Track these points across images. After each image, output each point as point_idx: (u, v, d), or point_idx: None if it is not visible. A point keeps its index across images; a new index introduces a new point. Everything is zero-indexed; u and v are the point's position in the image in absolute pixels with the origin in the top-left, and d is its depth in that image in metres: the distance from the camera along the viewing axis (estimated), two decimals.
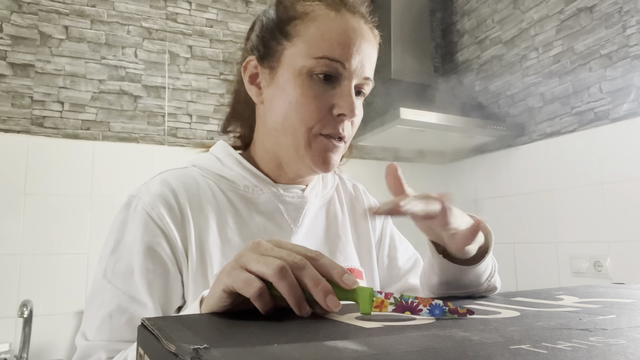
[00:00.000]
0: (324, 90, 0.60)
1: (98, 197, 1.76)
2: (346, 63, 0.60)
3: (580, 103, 1.77)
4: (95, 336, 0.55)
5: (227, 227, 0.63)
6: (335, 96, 0.60)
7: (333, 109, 0.61)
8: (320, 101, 0.60)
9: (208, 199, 0.63)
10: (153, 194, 0.61)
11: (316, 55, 0.60)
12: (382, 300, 0.36)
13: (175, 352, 0.24)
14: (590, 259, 1.68)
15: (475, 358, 0.22)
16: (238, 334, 0.30)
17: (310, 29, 0.61)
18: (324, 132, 0.61)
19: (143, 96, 1.90)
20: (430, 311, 0.36)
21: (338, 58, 0.59)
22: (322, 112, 0.60)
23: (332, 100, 0.60)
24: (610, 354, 0.22)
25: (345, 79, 0.61)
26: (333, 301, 0.36)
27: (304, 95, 0.60)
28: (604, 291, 0.49)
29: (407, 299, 0.36)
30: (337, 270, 0.38)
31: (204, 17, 2.05)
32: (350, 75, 0.61)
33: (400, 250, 0.80)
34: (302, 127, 0.61)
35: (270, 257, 0.37)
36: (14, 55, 1.71)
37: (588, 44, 1.75)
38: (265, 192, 0.66)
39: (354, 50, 0.60)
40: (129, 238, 0.58)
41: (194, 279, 0.59)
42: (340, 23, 0.61)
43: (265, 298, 0.36)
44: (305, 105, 0.60)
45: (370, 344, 0.25)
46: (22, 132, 1.70)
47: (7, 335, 1.57)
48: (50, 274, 1.65)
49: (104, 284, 0.57)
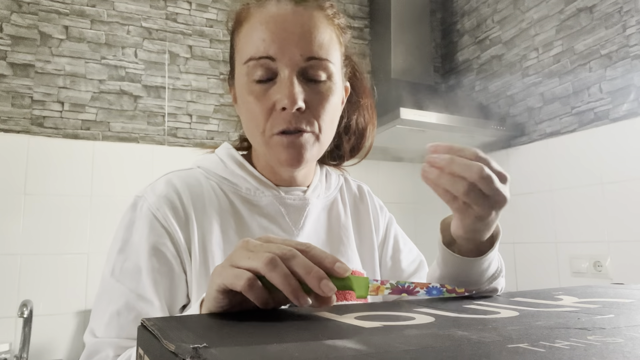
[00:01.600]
0: (264, 90, 0.58)
1: (98, 197, 1.76)
2: (273, 55, 0.57)
3: (580, 103, 1.77)
4: (103, 333, 0.55)
5: (230, 228, 0.63)
6: (275, 92, 0.58)
7: (275, 105, 0.58)
8: (262, 102, 0.58)
9: (211, 201, 0.64)
10: (158, 195, 0.61)
11: (244, 60, 0.59)
12: (377, 286, 0.36)
13: (174, 351, 0.24)
14: (590, 259, 1.68)
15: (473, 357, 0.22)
16: (238, 333, 0.30)
17: (241, 35, 0.61)
18: (275, 131, 0.59)
19: (143, 96, 1.90)
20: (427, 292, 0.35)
21: (262, 54, 0.57)
22: (266, 112, 0.58)
23: (273, 98, 0.58)
24: (608, 353, 0.22)
25: (282, 70, 0.57)
26: (327, 286, 0.35)
27: (250, 102, 0.59)
28: (603, 291, 0.49)
29: (403, 283, 0.36)
30: (329, 259, 0.38)
31: (204, 17, 2.05)
32: (286, 64, 0.57)
33: (404, 252, 0.79)
34: (256, 132, 0.61)
35: (259, 252, 0.37)
36: (14, 55, 1.71)
37: (588, 44, 1.75)
38: (266, 195, 0.66)
39: (279, 39, 0.57)
40: (136, 238, 0.59)
41: (198, 278, 0.59)
42: (262, 17, 0.58)
43: (257, 289, 0.36)
44: (251, 111, 0.60)
45: (369, 343, 0.25)
46: (22, 132, 1.70)
47: (7, 335, 1.57)
48: (50, 274, 1.65)
49: (112, 283, 0.57)
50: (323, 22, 0.60)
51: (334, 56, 0.61)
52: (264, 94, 0.58)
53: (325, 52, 0.59)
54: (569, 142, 1.80)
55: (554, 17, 1.89)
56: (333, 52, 0.61)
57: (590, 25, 1.74)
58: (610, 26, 1.67)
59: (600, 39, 1.70)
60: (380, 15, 2.33)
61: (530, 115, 1.99)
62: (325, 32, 0.60)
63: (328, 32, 0.60)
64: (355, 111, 0.75)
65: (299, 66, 0.58)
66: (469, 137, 2.04)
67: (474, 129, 1.94)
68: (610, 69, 1.66)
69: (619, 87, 1.64)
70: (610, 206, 1.63)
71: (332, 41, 0.61)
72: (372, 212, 0.78)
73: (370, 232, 0.76)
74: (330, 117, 0.62)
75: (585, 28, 1.76)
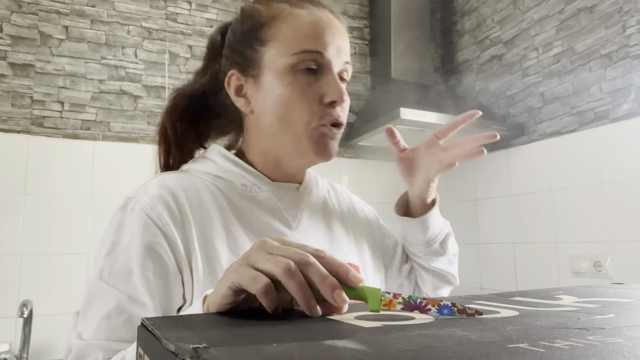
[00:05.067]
0: (310, 82, 0.63)
1: (98, 197, 1.76)
2: (324, 52, 0.63)
3: (581, 103, 1.77)
4: (92, 336, 0.54)
5: (231, 224, 0.63)
6: (323, 85, 0.63)
7: (323, 98, 0.63)
8: (309, 94, 0.62)
9: (208, 198, 0.64)
10: (151, 195, 0.60)
11: (294, 51, 0.62)
12: (390, 299, 0.36)
13: (174, 351, 0.24)
14: (590, 259, 1.68)
15: (473, 357, 0.22)
16: (237, 333, 0.30)
17: (282, 30, 0.64)
18: (322, 122, 0.63)
19: (143, 96, 1.90)
20: (438, 311, 0.36)
21: (315, 49, 0.62)
22: (313, 103, 0.62)
23: (320, 91, 0.63)
24: (608, 353, 0.22)
25: (327, 67, 0.63)
26: (340, 296, 0.36)
27: (292, 92, 0.62)
28: (603, 291, 0.49)
29: (415, 299, 0.36)
30: (343, 268, 0.38)
31: (204, 17, 2.06)
32: (330, 62, 0.63)
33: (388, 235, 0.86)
34: (300, 123, 0.63)
35: (278, 255, 0.37)
36: (14, 55, 1.71)
37: (588, 44, 1.75)
38: (263, 190, 0.68)
39: (328, 39, 0.63)
40: (126, 239, 0.58)
41: (203, 276, 0.58)
42: (309, 17, 0.64)
43: (271, 295, 0.36)
44: (296, 101, 0.62)
45: (369, 343, 0.25)
46: (22, 132, 1.70)
47: (7, 335, 1.57)
48: (50, 274, 1.65)
49: (101, 285, 0.56)
50: (346, 34, 0.68)
51: None
52: (310, 85, 0.63)
53: (349, 57, 0.67)
54: (569, 142, 1.80)
55: (554, 17, 1.89)
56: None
57: (590, 25, 1.74)
58: (610, 26, 1.67)
59: (600, 39, 1.70)
60: (380, 15, 2.33)
61: (530, 115, 1.99)
62: (347, 41, 0.68)
63: (347, 41, 0.68)
64: None
65: (340, 67, 0.65)
66: None
67: (474, 129, 1.93)
68: (610, 69, 1.66)
69: (619, 87, 1.64)
70: (610, 206, 1.63)
71: None
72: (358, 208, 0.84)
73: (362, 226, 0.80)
74: None
75: (585, 28, 1.76)
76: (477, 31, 2.32)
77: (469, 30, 2.38)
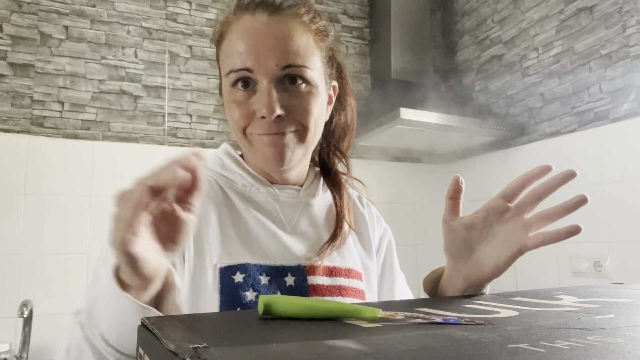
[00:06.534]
0: (246, 98, 0.62)
1: (98, 197, 1.76)
2: (251, 67, 0.60)
3: (581, 103, 1.77)
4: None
5: (226, 220, 0.65)
6: (255, 101, 0.62)
7: (256, 113, 0.62)
8: (243, 109, 0.62)
9: (208, 193, 0.67)
10: None
11: (225, 72, 0.64)
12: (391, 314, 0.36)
13: (174, 351, 0.24)
14: (590, 259, 1.68)
15: (473, 357, 0.22)
16: (237, 333, 0.30)
17: (222, 49, 0.65)
18: (257, 133, 0.63)
19: (143, 96, 1.90)
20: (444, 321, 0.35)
21: (240, 67, 0.61)
22: (247, 117, 0.63)
23: (253, 106, 0.62)
24: (608, 353, 0.22)
25: (260, 80, 0.61)
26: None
27: (232, 110, 0.64)
28: (603, 291, 0.49)
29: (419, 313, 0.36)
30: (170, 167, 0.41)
31: (204, 17, 2.05)
32: (263, 75, 0.60)
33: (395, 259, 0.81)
34: (240, 135, 0.65)
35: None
36: (14, 55, 1.71)
37: (588, 44, 1.75)
38: (261, 192, 0.69)
39: (254, 51, 0.60)
40: None
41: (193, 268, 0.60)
42: (239, 30, 0.62)
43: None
44: (232, 112, 0.64)
45: (369, 343, 0.25)
46: (22, 132, 1.70)
47: (7, 335, 1.57)
48: (50, 274, 1.65)
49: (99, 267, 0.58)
50: (298, 29, 0.62)
51: (311, 61, 0.63)
52: (245, 101, 0.62)
53: (302, 58, 0.62)
54: (569, 142, 1.80)
55: (554, 17, 1.89)
56: (310, 57, 0.63)
57: (590, 25, 1.74)
58: (610, 26, 1.67)
59: (600, 39, 1.70)
60: (380, 15, 2.33)
61: (530, 115, 1.99)
62: (301, 39, 0.62)
63: (304, 38, 0.62)
64: (343, 110, 0.78)
65: (275, 75, 0.61)
66: (469, 137, 2.04)
67: (474, 129, 1.94)
68: (610, 69, 1.66)
69: (619, 87, 1.64)
70: (610, 206, 1.63)
71: (309, 47, 0.63)
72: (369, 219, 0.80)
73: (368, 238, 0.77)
74: (313, 119, 0.64)
75: (585, 28, 1.76)
76: (477, 31, 2.32)
77: (469, 30, 2.38)
